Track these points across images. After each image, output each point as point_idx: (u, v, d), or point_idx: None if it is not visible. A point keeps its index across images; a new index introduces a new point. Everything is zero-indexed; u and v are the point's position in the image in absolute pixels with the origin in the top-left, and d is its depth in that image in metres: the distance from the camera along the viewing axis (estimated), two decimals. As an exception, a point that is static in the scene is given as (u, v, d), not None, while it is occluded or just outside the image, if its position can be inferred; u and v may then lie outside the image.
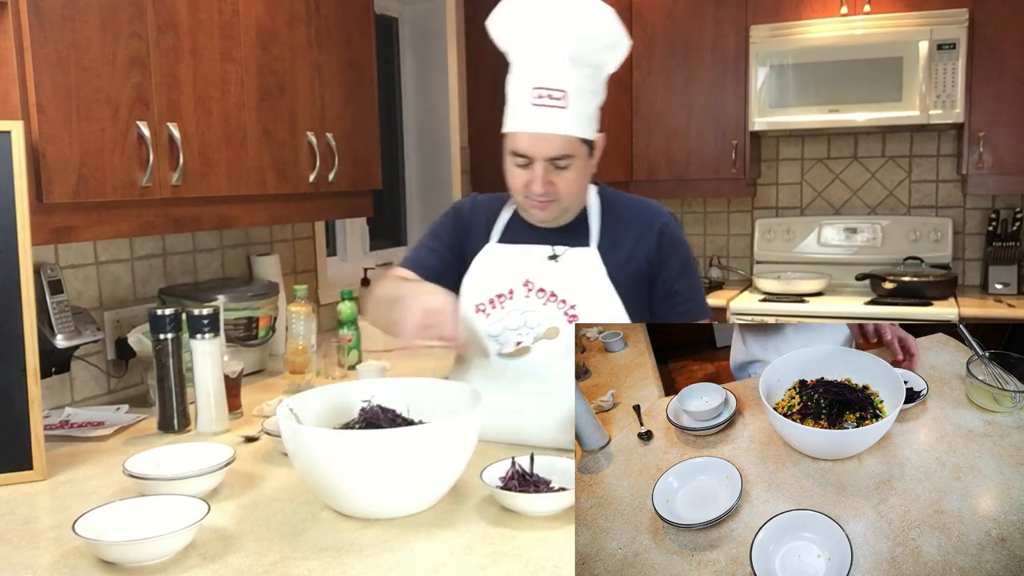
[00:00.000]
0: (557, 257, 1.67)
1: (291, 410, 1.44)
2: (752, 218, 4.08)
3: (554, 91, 1.55)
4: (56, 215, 1.75)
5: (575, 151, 1.58)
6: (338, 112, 2.56)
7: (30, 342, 1.61)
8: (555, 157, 1.57)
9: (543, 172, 1.58)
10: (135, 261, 2.37)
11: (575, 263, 1.66)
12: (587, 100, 1.59)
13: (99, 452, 1.79)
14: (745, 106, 3.62)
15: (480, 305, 1.70)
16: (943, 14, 3.27)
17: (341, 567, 1.21)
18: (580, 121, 1.58)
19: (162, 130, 1.94)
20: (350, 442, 1.31)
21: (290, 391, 2.18)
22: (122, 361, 2.29)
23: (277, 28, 2.30)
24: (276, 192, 2.33)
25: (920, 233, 3.71)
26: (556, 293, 1.65)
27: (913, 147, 3.81)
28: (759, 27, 3.54)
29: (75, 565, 1.24)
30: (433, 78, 3.94)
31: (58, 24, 1.71)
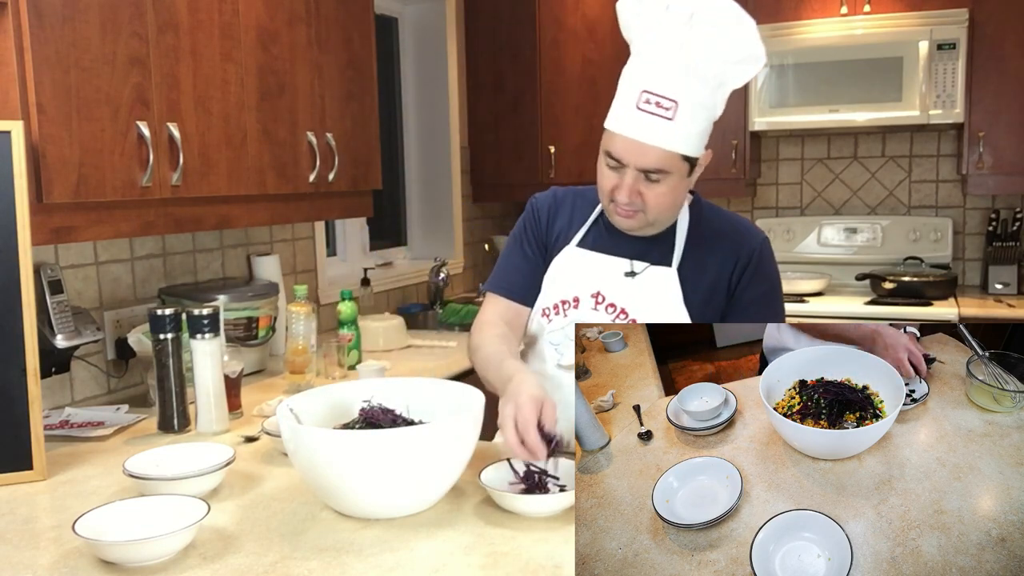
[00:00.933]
0: (635, 274, 1.57)
1: (291, 410, 1.44)
2: (752, 218, 4.08)
3: (664, 99, 1.41)
4: (56, 215, 1.75)
5: (673, 167, 1.45)
6: (338, 112, 2.56)
7: (30, 342, 1.61)
8: (649, 170, 1.45)
9: (632, 181, 1.47)
10: (135, 261, 2.37)
11: (652, 283, 1.56)
12: (700, 115, 1.44)
13: (99, 452, 1.79)
14: (745, 106, 3.62)
15: (546, 309, 1.63)
16: (943, 14, 3.27)
17: (341, 567, 1.21)
18: (686, 137, 1.44)
19: (162, 130, 1.94)
20: (350, 442, 1.31)
21: (290, 391, 2.18)
22: (122, 361, 2.29)
23: (277, 28, 2.30)
24: (276, 192, 2.33)
25: (920, 233, 3.71)
26: (627, 311, 1.56)
27: (913, 147, 3.81)
28: (759, 27, 3.53)
29: (75, 565, 1.24)
30: (433, 78, 3.94)
31: (58, 24, 1.71)
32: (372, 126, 2.73)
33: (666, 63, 1.42)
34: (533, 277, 1.66)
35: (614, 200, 1.51)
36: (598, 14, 3.72)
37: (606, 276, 1.59)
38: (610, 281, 1.59)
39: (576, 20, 3.73)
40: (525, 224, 1.70)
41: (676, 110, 1.41)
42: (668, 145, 1.43)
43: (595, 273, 1.60)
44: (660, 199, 1.49)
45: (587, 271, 1.60)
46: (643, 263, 1.58)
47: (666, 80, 1.42)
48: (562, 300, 1.61)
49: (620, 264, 1.59)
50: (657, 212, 1.51)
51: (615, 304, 1.58)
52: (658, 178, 1.46)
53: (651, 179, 1.47)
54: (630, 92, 1.45)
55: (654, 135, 1.42)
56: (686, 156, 1.46)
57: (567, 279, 1.62)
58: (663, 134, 1.42)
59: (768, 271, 1.61)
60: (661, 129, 1.42)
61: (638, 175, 1.47)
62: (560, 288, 1.62)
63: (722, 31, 1.44)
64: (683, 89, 1.42)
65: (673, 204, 1.52)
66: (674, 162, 1.45)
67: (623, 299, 1.57)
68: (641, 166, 1.45)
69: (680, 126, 1.43)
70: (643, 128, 1.43)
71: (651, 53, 1.44)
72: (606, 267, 1.60)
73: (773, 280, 1.63)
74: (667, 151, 1.44)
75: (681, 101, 1.42)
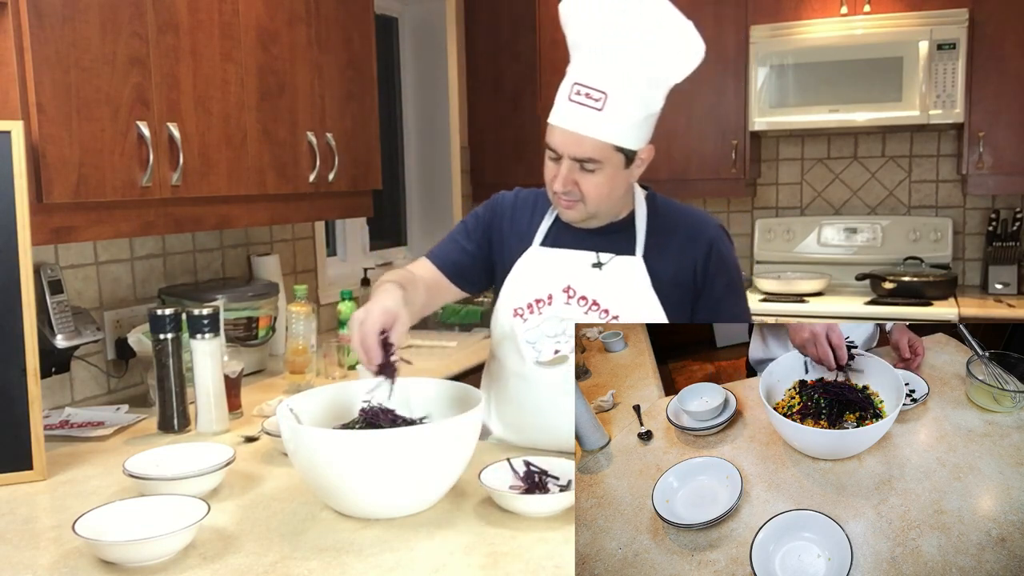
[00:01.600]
0: (602, 265, 1.61)
1: (291, 410, 1.44)
2: (752, 218, 4.08)
3: (593, 91, 1.46)
4: (56, 215, 1.75)
5: (605, 157, 1.49)
6: (338, 112, 2.56)
7: (30, 342, 1.61)
8: (581, 159, 1.50)
9: (567, 171, 1.52)
10: (135, 261, 2.37)
11: (620, 272, 1.60)
12: (632, 107, 1.48)
13: (99, 452, 1.79)
14: (745, 106, 3.62)
15: (518, 309, 1.65)
16: (943, 14, 3.27)
17: (341, 567, 1.21)
18: (617, 128, 1.48)
19: (162, 130, 1.94)
20: (350, 442, 1.31)
21: (290, 391, 2.18)
22: (122, 361, 2.29)
23: (277, 28, 2.30)
24: (276, 192, 2.33)
25: (920, 233, 3.71)
26: (599, 302, 1.59)
27: (913, 147, 3.80)
28: (759, 27, 3.54)
29: (75, 565, 1.24)
30: (433, 78, 3.94)
31: (58, 24, 1.71)
32: (372, 126, 2.73)
33: (596, 57, 1.48)
34: (469, 263, 1.72)
35: (554, 191, 1.56)
36: (598, 14, 3.72)
37: (574, 270, 1.62)
38: (578, 274, 1.62)
39: (576, 20, 3.73)
40: (478, 218, 1.75)
41: (605, 101, 1.46)
42: (597, 134, 1.48)
43: (563, 268, 1.63)
44: (596, 189, 1.53)
45: (555, 267, 1.64)
46: (609, 254, 1.62)
47: (595, 73, 1.48)
48: (536, 299, 1.63)
49: (586, 257, 1.63)
50: (595, 202, 1.55)
51: (586, 296, 1.60)
52: (592, 168, 1.51)
53: (586, 168, 1.51)
54: (565, 86, 1.51)
55: (584, 125, 1.48)
56: (620, 147, 1.50)
57: (536, 277, 1.65)
58: (592, 124, 1.47)
59: (727, 256, 1.65)
60: (591, 119, 1.47)
61: (573, 164, 1.51)
62: (531, 287, 1.65)
63: (653, 26, 1.48)
64: (611, 81, 1.47)
65: (610, 195, 1.56)
66: (606, 152, 1.50)
67: (593, 290, 1.60)
68: (573, 155, 1.50)
69: (610, 116, 1.47)
70: (574, 119, 1.48)
71: (583, 48, 1.51)
72: (573, 261, 1.63)
73: (733, 268, 1.66)
74: (597, 140, 1.48)
75: (610, 92, 1.46)
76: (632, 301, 1.59)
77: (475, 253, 1.72)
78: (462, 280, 1.73)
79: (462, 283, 1.73)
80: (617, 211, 1.63)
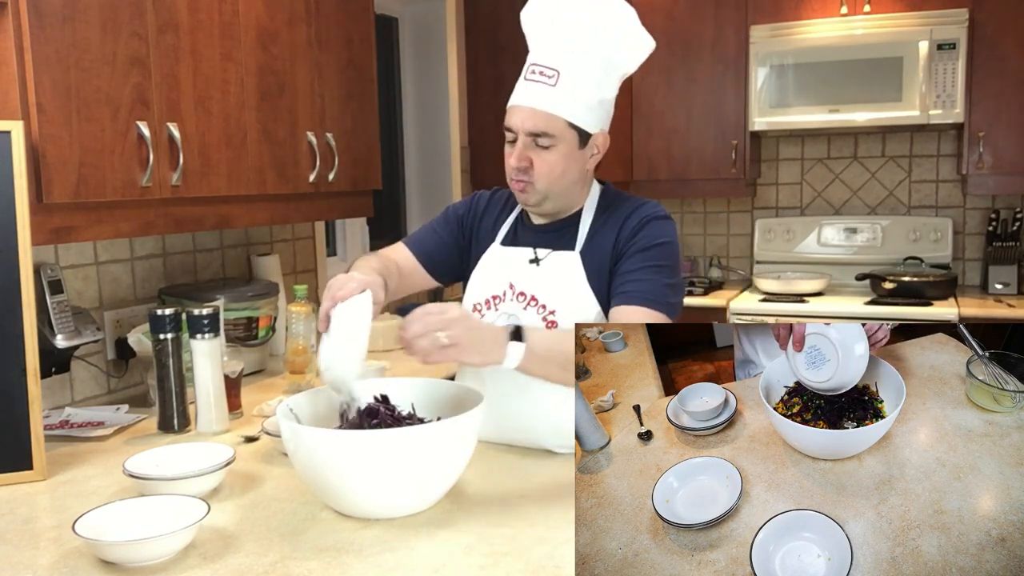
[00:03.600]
0: (538, 261, 1.65)
1: (291, 410, 1.44)
2: (752, 218, 4.08)
3: (546, 68, 1.54)
4: (56, 215, 1.75)
5: (558, 133, 1.55)
6: (338, 112, 2.56)
7: (30, 342, 1.61)
8: (535, 133, 1.55)
9: (523, 147, 1.57)
10: (135, 261, 2.37)
11: (556, 267, 1.63)
12: (585, 87, 1.54)
13: (99, 452, 1.79)
14: (745, 106, 3.62)
15: (476, 305, 1.70)
16: (943, 14, 3.27)
17: (341, 567, 1.21)
18: (570, 103, 1.54)
19: (162, 130, 1.94)
20: (350, 442, 1.31)
21: (290, 391, 2.18)
22: (122, 361, 2.29)
23: (277, 28, 2.30)
24: (276, 192, 2.33)
25: (920, 233, 3.71)
26: (537, 297, 1.63)
27: (913, 147, 3.81)
28: (759, 27, 3.54)
29: (75, 565, 1.24)
30: (433, 78, 3.94)
31: (58, 24, 1.71)
32: (372, 126, 2.73)
33: (549, 38, 1.56)
34: (443, 252, 1.78)
35: (511, 175, 1.60)
36: (598, 14, 3.72)
37: (514, 267, 1.67)
38: (518, 271, 1.66)
39: (576, 20, 3.73)
40: (456, 211, 1.81)
41: (558, 78, 1.53)
42: (550, 108, 1.54)
43: (507, 266, 1.68)
44: (548, 166, 1.57)
45: (503, 265, 1.69)
46: (546, 250, 1.66)
47: (548, 52, 1.56)
48: (492, 295, 1.68)
49: (525, 253, 1.67)
50: (547, 181, 1.58)
51: (524, 292, 1.64)
52: (546, 143, 1.55)
53: (540, 144, 1.56)
54: (523, 72, 1.59)
55: (537, 99, 1.54)
56: (573, 125, 1.55)
57: (491, 274, 1.70)
58: (546, 98, 1.54)
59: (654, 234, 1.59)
60: (544, 93, 1.54)
61: (527, 140, 1.56)
62: (486, 284, 1.70)
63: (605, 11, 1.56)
64: (564, 59, 1.54)
65: (563, 175, 1.59)
66: (559, 126, 1.54)
67: (530, 286, 1.64)
68: (527, 129, 1.55)
69: (562, 92, 1.53)
70: (528, 94, 1.56)
71: (539, 31, 1.59)
72: (514, 258, 1.68)
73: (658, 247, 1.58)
74: (549, 113, 1.54)
75: (562, 70, 1.53)
76: (567, 296, 1.61)
77: (449, 244, 1.77)
78: (434, 268, 1.78)
79: (433, 271, 1.79)
80: (571, 200, 1.66)
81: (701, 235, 4.18)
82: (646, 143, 3.83)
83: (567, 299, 1.61)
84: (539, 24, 1.59)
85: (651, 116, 3.81)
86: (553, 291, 1.62)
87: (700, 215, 4.18)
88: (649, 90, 3.79)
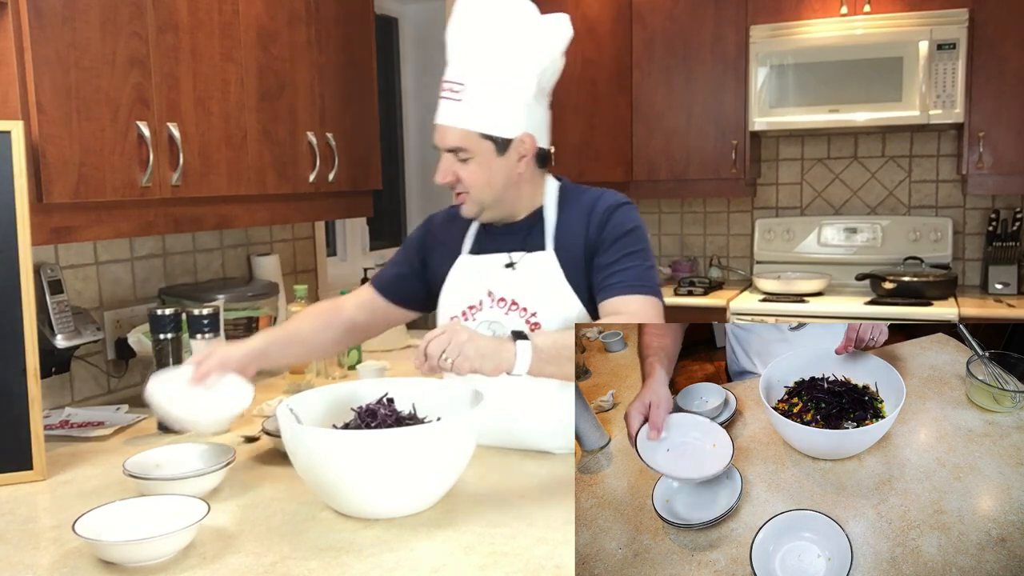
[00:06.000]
0: (514, 265, 1.64)
1: (291, 410, 1.44)
2: (752, 218, 4.08)
3: (453, 84, 1.55)
4: (56, 215, 1.75)
5: (472, 146, 1.55)
6: (338, 112, 2.56)
7: (30, 342, 1.61)
8: (450, 149, 1.57)
9: (445, 163, 1.59)
10: (135, 261, 2.37)
11: (532, 269, 1.62)
12: (492, 95, 1.54)
13: (99, 452, 1.79)
14: (745, 106, 3.62)
15: (454, 318, 1.68)
16: (943, 14, 3.27)
17: (341, 567, 1.21)
18: (477, 115, 1.54)
19: (162, 130, 1.94)
20: (350, 442, 1.31)
21: (290, 391, 2.18)
22: (122, 361, 2.29)
23: (277, 28, 2.30)
24: (276, 192, 2.33)
25: (920, 233, 3.71)
26: (517, 301, 1.62)
27: (913, 147, 3.80)
28: (759, 27, 3.54)
29: (75, 565, 1.24)
30: (433, 78, 3.93)
31: (58, 24, 1.71)
32: (372, 126, 2.73)
33: (454, 53, 1.57)
34: (403, 284, 1.78)
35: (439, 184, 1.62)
36: (598, 14, 3.72)
37: (491, 273, 1.66)
38: (495, 277, 1.65)
39: (576, 20, 3.70)
40: (413, 240, 1.81)
41: (464, 91, 1.54)
42: (458, 123, 1.55)
43: (484, 273, 1.67)
44: (472, 177, 1.58)
45: (478, 274, 1.68)
46: (520, 252, 1.65)
47: (453, 67, 1.57)
48: (469, 306, 1.67)
49: (500, 259, 1.66)
50: (477, 191, 1.59)
51: (504, 298, 1.63)
52: (464, 157, 1.57)
53: (460, 158, 1.57)
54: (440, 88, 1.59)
55: (448, 116, 1.56)
56: (486, 135, 1.55)
57: (465, 285, 1.69)
58: (454, 114, 1.55)
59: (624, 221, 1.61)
60: (453, 110, 1.55)
61: (448, 156, 1.58)
62: (462, 295, 1.69)
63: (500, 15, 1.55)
64: (467, 72, 1.54)
65: (490, 182, 1.59)
66: (471, 140, 1.55)
67: (510, 291, 1.63)
68: (444, 146, 1.58)
69: (469, 105, 1.54)
70: (441, 112, 1.58)
71: (449, 48, 1.58)
72: (490, 265, 1.67)
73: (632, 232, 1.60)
74: (459, 129, 1.55)
75: (467, 83, 1.54)
76: (547, 297, 1.61)
77: (410, 275, 1.78)
78: (403, 301, 1.78)
79: (405, 304, 1.79)
80: (515, 204, 1.64)
81: (701, 235, 4.18)
82: (646, 143, 3.83)
83: (547, 299, 1.61)
84: (449, 38, 1.59)
85: (651, 116, 3.80)
86: (532, 293, 1.61)
87: (700, 215, 4.18)
88: (649, 90, 3.79)
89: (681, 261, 4.12)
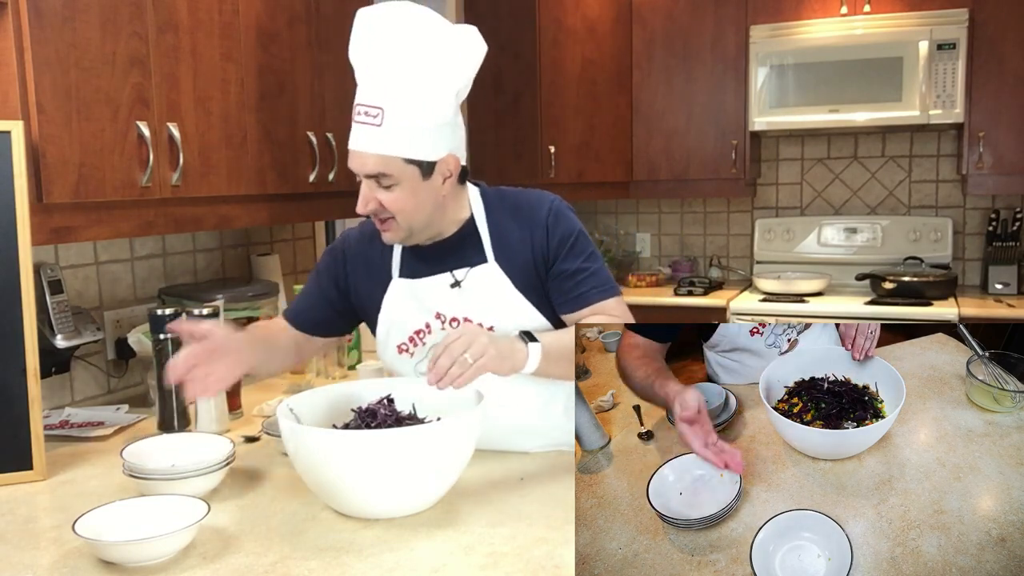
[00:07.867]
0: (460, 283, 1.59)
1: (291, 410, 1.44)
2: (752, 218, 4.08)
3: (371, 108, 1.48)
4: (56, 215, 1.75)
5: (397, 172, 1.48)
6: (338, 112, 2.56)
7: (30, 342, 1.61)
8: (371, 175, 1.50)
9: (367, 190, 1.52)
10: (135, 261, 2.37)
11: (479, 284, 1.58)
12: (414, 118, 1.47)
13: (99, 452, 1.79)
14: (745, 106, 3.62)
15: (402, 345, 1.65)
16: (943, 14, 3.27)
17: (341, 567, 1.21)
18: (398, 140, 1.47)
19: (162, 130, 1.94)
20: (350, 442, 1.31)
21: (290, 391, 2.18)
22: (122, 361, 2.29)
23: (277, 28, 2.29)
24: (276, 192, 2.33)
25: (920, 233, 3.72)
26: (470, 318, 1.58)
27: (913, 147, 3.81)
28: (759, 27, 3.55)
29: (75, 565, 1.24)
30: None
31: (58, 24, 1.71)
32: (372, 126, 2.73)
33: (371, 75, 1.50)
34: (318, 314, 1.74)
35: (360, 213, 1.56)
36: (598, 14, 3.72)
37: (437, 296, 1.61)
38: (442, 298, 1.60)
39: (576, 20, 3.73)
40: (325, 267, 1.74)
41: (383, 116, 1.47)
42: (381, 149, 1.47)
43: (427, 297, 1.61)
44: (397, 203, 1.51)
45: (420, 298, 1.62)
46: (463, 269, 1.60)
47: (370, 91, 1.49)
48: (416, 331, 1.63)
49: (443, 279, 1.61)
50: (404, 217, 1.52)
51: (457, 318, 1.60)
52: (388, 183, 1.50)
53: (382, 185, 1.50)
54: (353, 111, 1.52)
55: (367, 142, 1.48)
56: (410, 160, 1.48)
57: (407, 310, 1.63)
58: (373, 140, 1.48)
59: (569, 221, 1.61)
60: (372, 135, 1.48)
61: (370, 183, 1.51)
62: (406, 321, 1.64)
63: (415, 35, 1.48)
64: (385, 96, 1.47)
65: (417, 208, 1.52)
66: (394, 166, 1.48)
67: (460, 310, 1.59)
68: (363, 172, 1.51)
69: (390, 130, 1.47)
70: (359, 138, 1.50)
71: (361, 70, 1.52)
72: (433, 288, 1.61)
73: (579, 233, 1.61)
74: (379, 155, 1.48)
75: (386, 107, 1.47)
76: (500, 309, 1.58)
77: (325, 304, 1.73)
78: (321, 330, 1.75)
79: (322, 332, 1.76)
80: (443, 223, 1.59)
81: (701, 235, 4.18)
82: (646, 143, 3.83)
83: (499, 311, 1.58)
84: (360, 61, 1.52)
85: (651, 116, 3.80)
86: (483, 307, 1.58)
87: (700, 215, 4.18)
88: (649, 90, 3.79)
89: (681, 261, 4.12)
